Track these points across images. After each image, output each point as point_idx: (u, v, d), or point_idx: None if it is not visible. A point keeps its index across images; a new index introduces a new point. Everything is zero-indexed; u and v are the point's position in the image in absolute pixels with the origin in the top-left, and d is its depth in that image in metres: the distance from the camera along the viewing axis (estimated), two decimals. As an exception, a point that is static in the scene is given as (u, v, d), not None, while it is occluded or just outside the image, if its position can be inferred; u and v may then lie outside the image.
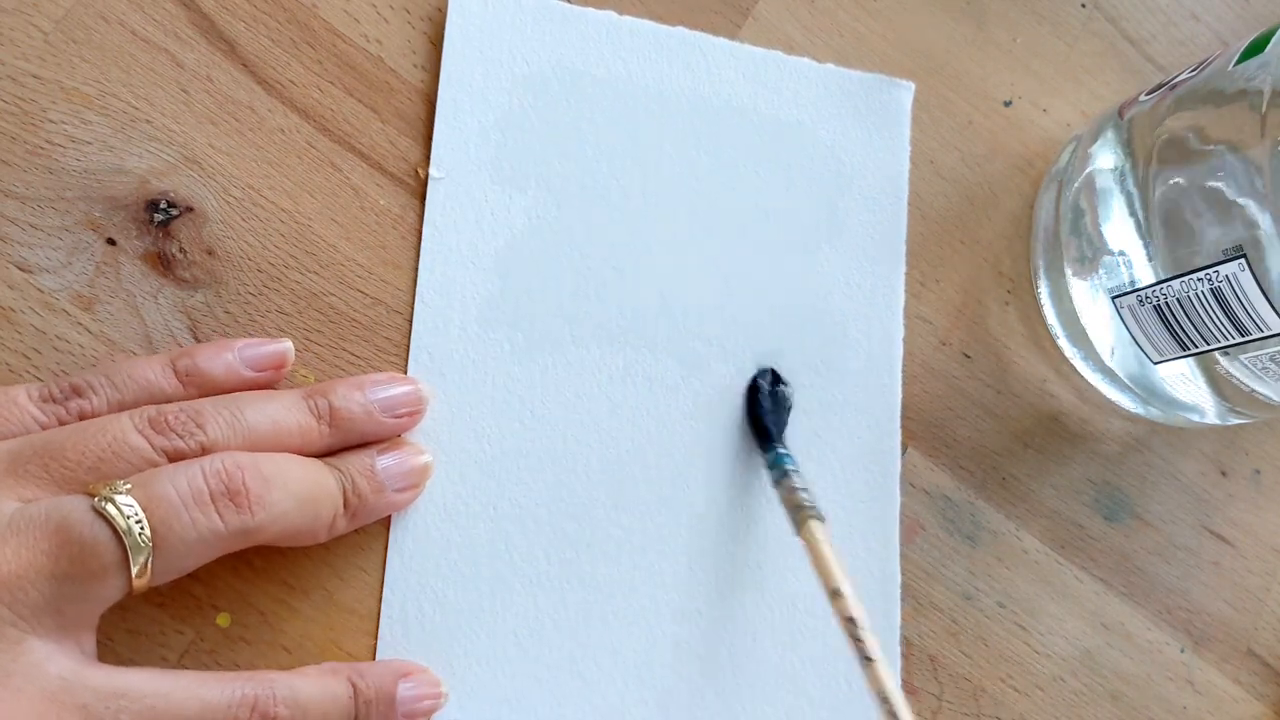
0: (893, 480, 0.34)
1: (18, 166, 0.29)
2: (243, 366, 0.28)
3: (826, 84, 0.36)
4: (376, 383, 0.29)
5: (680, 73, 0.35)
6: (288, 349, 0.29)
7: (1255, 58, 0.30)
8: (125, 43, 0.31)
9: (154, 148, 0.31)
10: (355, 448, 0.29)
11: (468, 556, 0.30)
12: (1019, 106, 0.39)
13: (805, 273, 0.35)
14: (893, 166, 0.37)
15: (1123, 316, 0.34)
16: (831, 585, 0.29)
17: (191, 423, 0.26)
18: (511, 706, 0.30)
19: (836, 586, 0.29)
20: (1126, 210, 0.33)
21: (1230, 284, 0.30)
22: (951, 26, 0.39)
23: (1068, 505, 0.36)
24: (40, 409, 0.26)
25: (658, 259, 0.34)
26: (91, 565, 0.23)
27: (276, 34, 0.32)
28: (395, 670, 0.28)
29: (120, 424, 0.25)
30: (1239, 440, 0.39)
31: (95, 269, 0.30)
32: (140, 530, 0.23)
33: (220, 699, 0.24)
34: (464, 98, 0.33)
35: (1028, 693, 0.35)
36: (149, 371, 0.27)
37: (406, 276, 0.32)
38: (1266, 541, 0.38)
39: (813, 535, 0.30)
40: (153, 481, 0.24)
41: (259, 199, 0.31)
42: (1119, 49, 0.40)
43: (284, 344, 0.29)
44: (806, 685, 0.32)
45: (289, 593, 0.29)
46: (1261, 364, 0.31)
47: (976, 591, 0.35)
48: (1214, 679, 0.37)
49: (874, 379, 0.35)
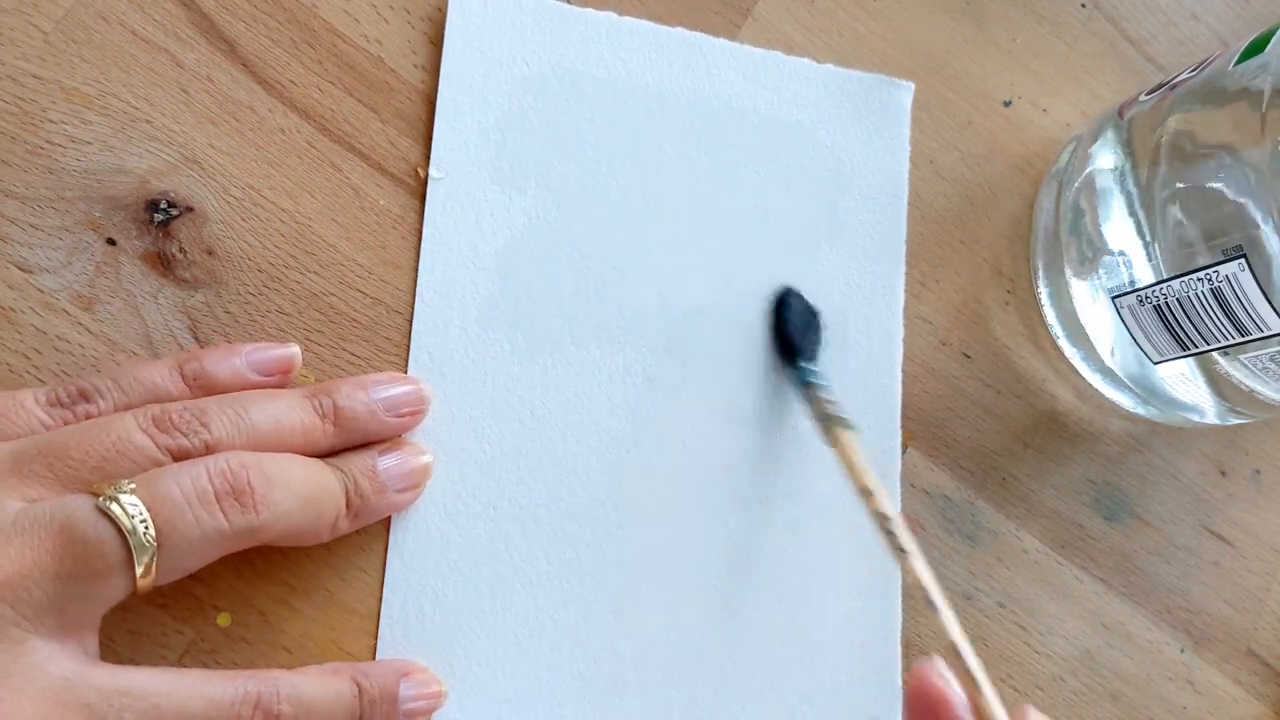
0: (893, 480, 0.34)
1: (18, 166, 0.29)
2: (249, 371, 0.28)
3: (826, 84, 0.36)
4: (379, 382, 0.29)
5: (680, 73, 0.35)
6: (295, 354, 0.29)
7: (1255, 58, 0.30)
8: (125, 43, 0.31)
9: (154, 148, 0.31)
10: (356, 448, 0.29)
11: (468, 556, 0.30)
12: (1019, 106, 0.39)
13: (805, 273, 0.35)
14: (893, 166, 0.37)
15: (1123, 316, 0.34)
16: (861, 485, 0.30)
17: (196, 421, 0.26)
18: (511, 706, 0.30)
19: (865, 485, 0.30)
20: (1126, 210, 0.33)
21: (1230, 284, 0.30)
22: (951, 26, 0.39)
23: (1068, 505, 0.36)
24: (47, 413, 0.26)
25: (658, 259, 0.34)
26: (96, 565, 0.23)
27: (276, 34, 0.32)
28: (397, 670, 0.28)
29: (124, 423, 0.25)
30: (1239, 440, 0.39)
31: (95, 269, 0.30)
32: (145, 530, 0.23)
33: (224, 696, 0.24)
34: (464, 98, 0.33)
35: (1028, 693, 0.35)
36: (156, 375, 0.27)
37: (406, 276, 0.32)
38: (1266, 541, 0.38)
39: (844, 443, 0.31)
40: (157, 481, 0.24)
41: (259, 199, 0.31)
42: (1119, 49, 0.40)
43: (291, 349, 0.29)
44: (808, 686, 0.32)
45: (289, 593, 0.29)
46: (1261, 364, 0.31)
47: (976, 591, 0.35)
48: (1214, 679, 0.37)
49: (874, 379, 0.35)
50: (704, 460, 0.33)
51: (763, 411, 0.34)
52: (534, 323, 0.32)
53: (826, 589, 0.33)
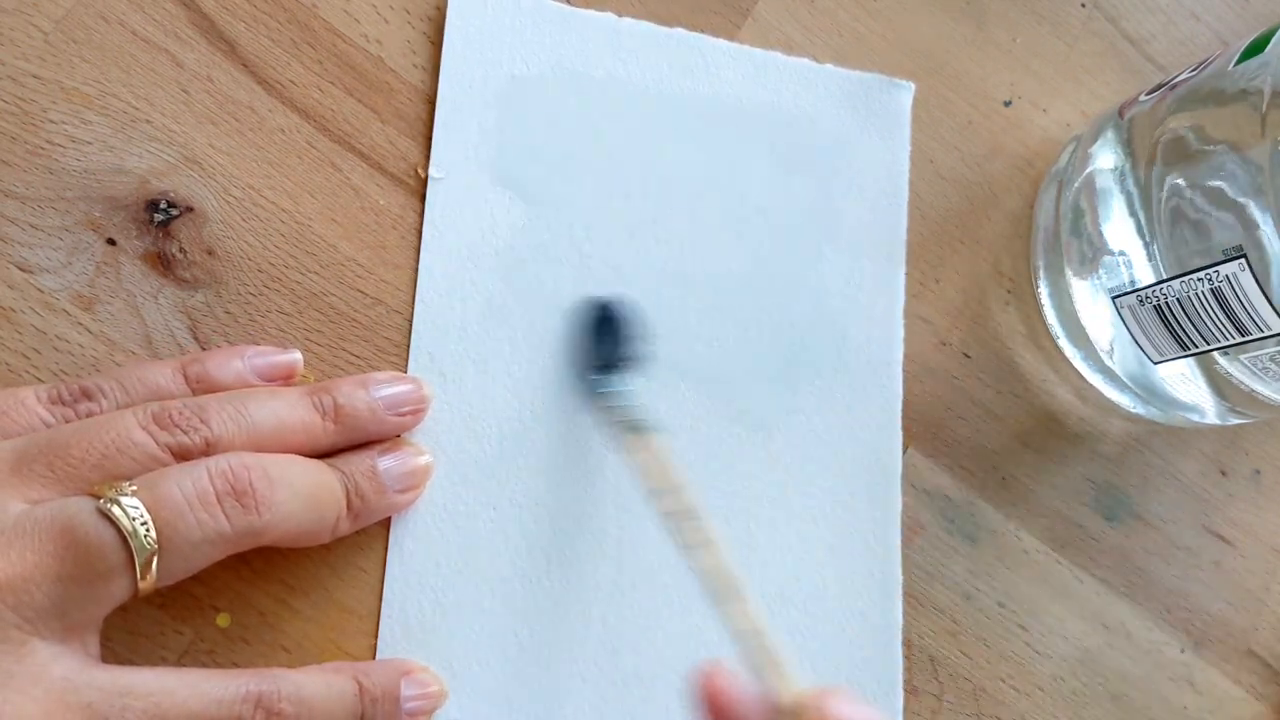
0: (893, 480, 0.34)
1: (18, 166, 0.29)
2: (252, 375, 0.28)
3: (826, 84, 0.36)
4: (380, 380, 0.29)
5: (680, 74, 0.35)
6: (297, 360, 0.29)
7: (1255, 58, 0.30)
8: (125, 43, 0.31)
9: (154, 148, 0.31)
10: (356, 449, 0.29)
11: (468, 556, 0.30)
12: (1019, 106, 0.39)
13: (805, 273, 0.35)
14: (893, 166, 0.37)
15: (1123, 316, 0.34)
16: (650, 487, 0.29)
17: (195, 418, 0.26)
18: (511, 706, 0.30)
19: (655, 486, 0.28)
20: (1126, 210, 0.33)
21: (1230, 284, 0.30)
22: (951, 26, 0.39)
23: (1068, 505, 0.36)
24: (49, 411, 0.26)
25: (657, 259, 0.34)
26: (98, 567, 0.23)
27: (276, 34, 0.32)
28: (398, 668, 0.28)
29: (124, 420, 0.25)
30: (1239, 440, 0.39)
31: (95, 269, 0.30)
32: (146, 532, 0.23)
33: (225, 695, 0.24)
34: (464, 98, 0.33)
35: (1028, 693, 0.35)
36: (159, 376, 0.27)
37: (406, 276, 0.32)
38: (1266, 541, 0.38)
39: (631, 448, 0.29)
40: (158, 483, 0.24)
41: (259, 199, 0.31)
42: (1119, 49, 0.40)
43: (294, 355, 0.29)
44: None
45: (289, 593, 0.29)
46: (1261, 364, 0.31)
47: (976, 591, 0.35)
48: (1214, 679, 0.37)
49: (874, 379, 0.35)
50: (704, 460, 0.33)
51: (768, 413, 0.34)
52: (534, 323, 0.32)
53: (827, 590, 0.33)
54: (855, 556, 0.33)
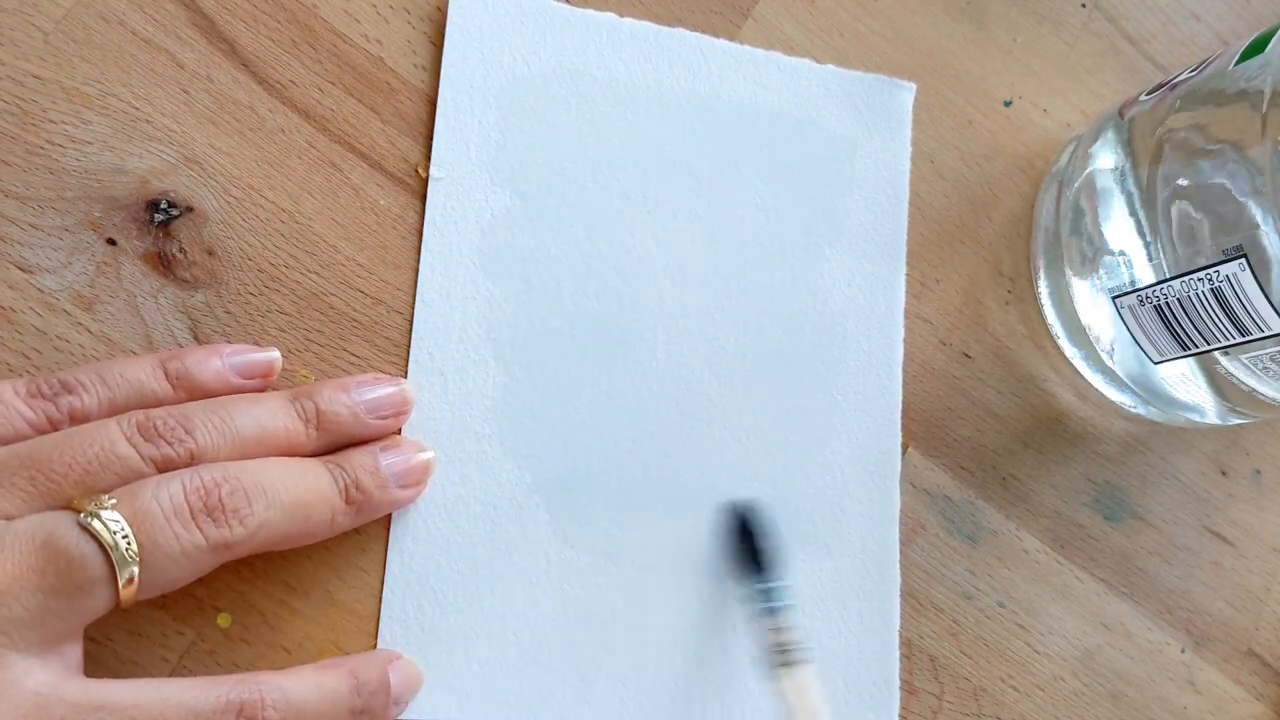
0: (893, 480, 0.34)
1: (18, 166, 0.29)
2: (230, 373, 0.28)
3: (827, 84, 0.36)
4: (362, 384, 0.29)
5: (680, 74, 0.35)
6: (275, 359, 0.29)
7: (1255, 58, 0.30)
8: (125, 43, 0.31)
9: (154, 148, 0.31)
10: (359, 445, 0.29)
11: (468, 556, 0.30)
12: (1019, 106, 0.39)
13: (805, 273, 0.35)
14: (893, 167, 0.37)
15: (1123, 316, 0.34)
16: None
17: (180, 429, 0.26)
18: (511, 706, 0.30)
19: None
20: (1127, 210, 0.33)
21: (1230, 284, 0.30)
22: (951, 26, 0.39)
23: (1068, 505, 0.36)
24: (29, 404, 0.26)
25: (658, 259, 0.34)
26: (78, 580, 0.23)
27: (277, 34, 0.32)
28: (384, 659, 0.28)
29: (108, 432, 0.25)
30: (1239, 440, 0.39)
31: (95, 269, 0.30)
32: (127, 545, 0.23)
33: (205, 705, 0.24)
34: (464, 98, 0.33)
35: (1028, 693, 0.35)
36: (140, 372, 0.27)
37: (406, 276, 0.32)
38: (1267, 541, 0.38)
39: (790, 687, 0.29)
40: (138, 495, 0.24)
41: (259, 199, 0.31)
42: (1119, 49, 0.40)
43: (271, 354, 0.29)
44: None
45: (289, 593, 0.29)
46: (1261, 364, 0.31)
47: (977, 591, 0.35)
48: (1214, 679, 0.37)
49: (874, 379, 0.35)
50: (703, 460, 0.33)
51: (768, 412, 0.34)
52: (534, 323, 0.32)
53: (825, 589, 0.33)
54: (854, 556, 0.33)
